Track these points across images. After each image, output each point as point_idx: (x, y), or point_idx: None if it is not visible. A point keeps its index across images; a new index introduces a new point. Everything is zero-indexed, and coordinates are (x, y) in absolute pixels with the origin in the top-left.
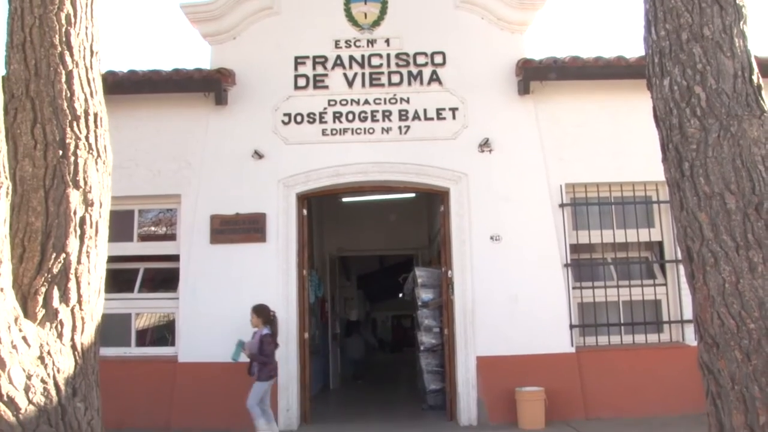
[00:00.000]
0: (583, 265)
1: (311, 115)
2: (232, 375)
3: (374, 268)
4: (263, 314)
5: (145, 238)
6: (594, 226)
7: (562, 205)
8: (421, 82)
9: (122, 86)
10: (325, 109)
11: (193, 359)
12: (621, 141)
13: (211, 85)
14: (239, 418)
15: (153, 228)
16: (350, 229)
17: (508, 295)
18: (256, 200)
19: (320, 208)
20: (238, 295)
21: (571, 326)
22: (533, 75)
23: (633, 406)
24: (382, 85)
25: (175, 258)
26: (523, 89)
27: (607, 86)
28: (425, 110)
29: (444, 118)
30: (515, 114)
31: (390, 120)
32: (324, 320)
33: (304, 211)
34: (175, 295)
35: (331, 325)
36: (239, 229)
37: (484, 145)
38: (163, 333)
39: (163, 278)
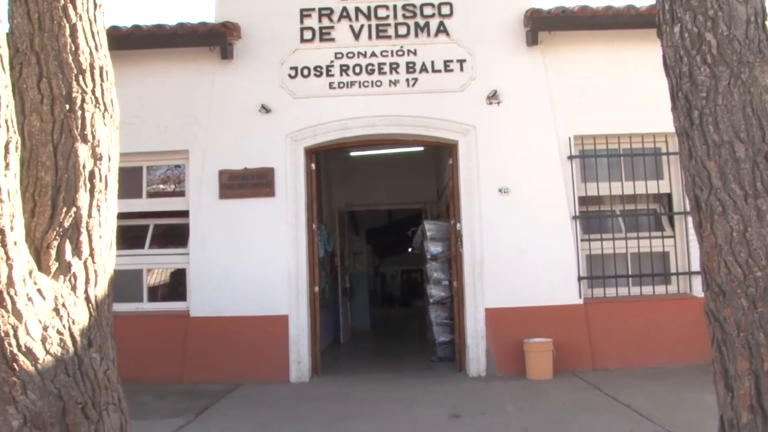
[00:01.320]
0: (592, 217)
1: (318, 69)
2: (243, 329)
3: (383, 223)
4: None
5: (153, 194)
6: (602, 178)
7: (570, 157)
8: (429, 34)
9: (126, 42)
10: (331, 62)
11: (204, 314)
12: (630, 92)
13: (216, 39)
14: (250, 371)
15: (161, 185)
16: (359, 184)
17: (517, 248)
18: (264, 155)
19: (328, 163)
20: (247, 250)
21: (579, 278)
22: (541, 25)
23: (640, 356)
24: (389, 37)
25: (185, 214)
26: (531, 40)
27: (617, 36)
28: (433, 62)
29: (451, 70)
30: (523, 65)
31: (397, 72)
32: (333, 274)
33: (313, 166)
34: (185, 251)
35: (341, 279)
36: (248, 183)
37: (492, 97)
38: (174, 288)
39: (173, 234)
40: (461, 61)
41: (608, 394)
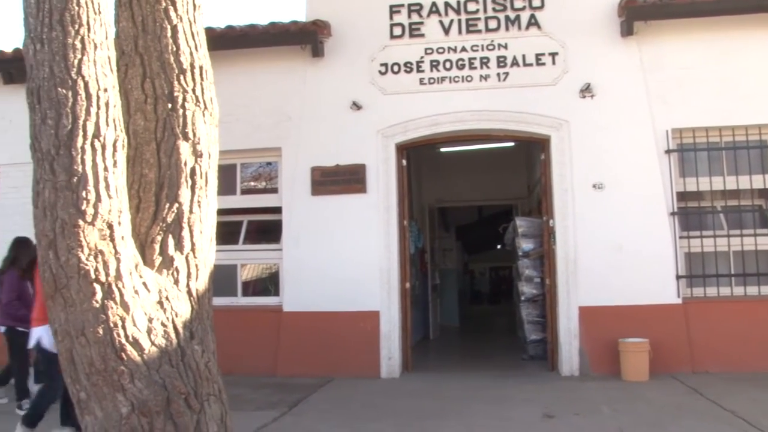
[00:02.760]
0: (691, 213)
1: (408, 65)
2: (335, 324)
3: (473, 219)
4: None
5: (247, 191)
6: (703, 173)
7: (668, 151)
8: (519, 27)
9: (220, 42)
10: (421, 57)
11: (297, 308)
12: (732, 82)
13: (307, 38)
14: (341, 366)
15: (252, 183)
16: (449, 180)
17: (612, 245)
18: (355, 151)
19: (418, 159)
20: (339, 246)
21: (678, 276)
22: (637, 15)
23: (743, 360)
24: (479, 31)
25: (277, 210)
26: (626, 30)
27: (717, 23)
28: (524, 56)
29: (543, 64)
30: (618, 57)
31: (488, 67)
32: (423, 271)
33: (404, 162)
34: (278, 246)
35: (431, 275)
36: (339, 180)
37: (586, 90)
38: (267, 283)
39: (266, 230)
40: (553, 54)
41: (710, 398)
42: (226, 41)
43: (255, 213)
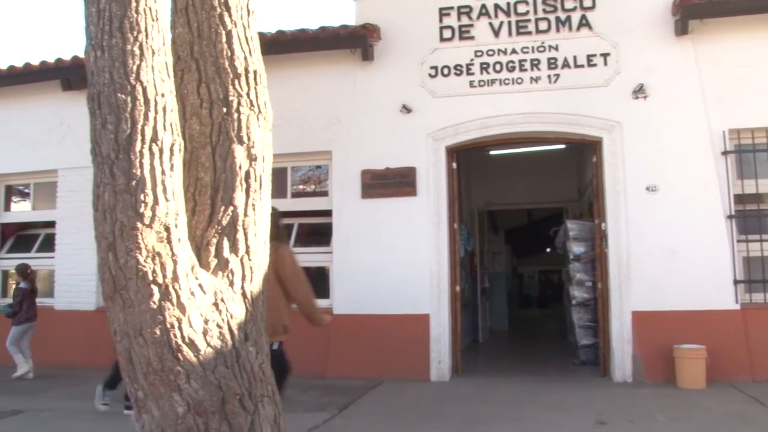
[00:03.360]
0: (750, 216)
1: (458, 67)
2: (384, 326)
3: (522, 222)
4: (21, 272)
5: (297, 194)
6: (762, 175)
7: (725, 153)
8: (570, 28)
9: (271, 47)
10: (471, 60)
11: (347, 311)
12: None
13: (357, 41)
14: (391, 368)
15: (301, 186)
16: (498, 183)
17: (666, 248)
18: (405, 154)
19: (468, 161)
20: (389, 249)
21: (736, 282)
22: (692, 13)
23: None
24: (530, 33)
25: (327, 213)
26: (681, 29)
27: None
28: (575, 57)
29: (595, 65)
30: (672, 56)
31: (538, 69)
32: (473, 274)
33: (454, 164)
34: (329, 249)
35: (480, 279)
36: (390, 183)
37: (639, 91)
38: (318, 285)
39: (316, 233)
40: (605, 55)
41: None
42: (277, 46)
43: (305, 216)
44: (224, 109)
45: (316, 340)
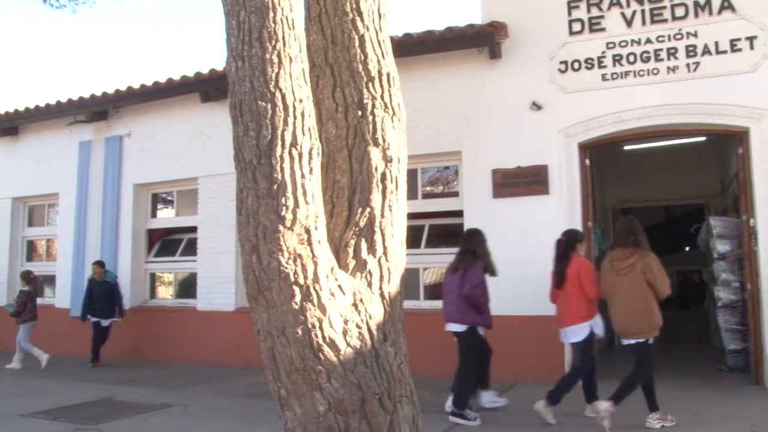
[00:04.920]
0: None
1: (589, 61)
2: (517, 328)
3: (659, 220)
4: (25, 278)
5: (427, 195)
6: None
7: None
8: (710, 12)
9: (398, 50)
10: (603, 53)
11: None
12: None
13: (485, 40)
14: (525, 371)
15: (428, 187)
16: (633, 179)
17: None
18: (536, 152)
19: (600, 158)
20: (522, 248)
21: None
22: None
23: None
24: (665, 20)
25: (458, 213)
26: None
27: None
28: (716, 43)
29: (739, 50)
30: None
31: (676, 58)
32: None
33: (587, 161)
34: None
35: None
36: (521, 182)
37: None
38: None
39: (447, 233)
40: (751, 39)
41: None
42: (404, 48)
43: (436, 217)
44: (359, 112)
45: (447, 342)
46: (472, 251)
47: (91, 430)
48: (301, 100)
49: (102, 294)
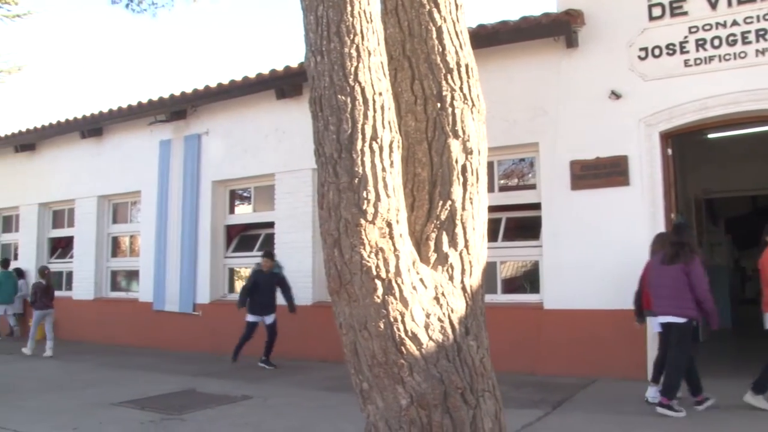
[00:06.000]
0: None
1: (670, 47)
2: (597, 322)
3: (745, 210)
4: (40, 272)
5: (504, 188)
6: None
7: None
8: None
9: (472, 41)
10: (685, 37)
11: (558, 306)
12: None
13: (560, 29)
14: (604, 366)
15: (503, 180)
16: (717, 168)
17: None
18: (615, 142)
19: (682, 147)
20: (601, 241)
21: None
22: None
23: None
24: (753, 0)
25: (535, 206)
26: None
27: None
28: None
29: None
30: None
31: (765, 40)
32: None
33: (669, 151)
34: (537, 243)
35: None
36: (600, 173)
37: None
38: (523, 281)
39: (523, 227)
40: None
41: None
42: (478, 40)
43: (512, 210)
44: (438, 105)
45: (525, 336)
46: (687, 244)
47: (176, 420)
48: (380, 94)
49: (268, 288)
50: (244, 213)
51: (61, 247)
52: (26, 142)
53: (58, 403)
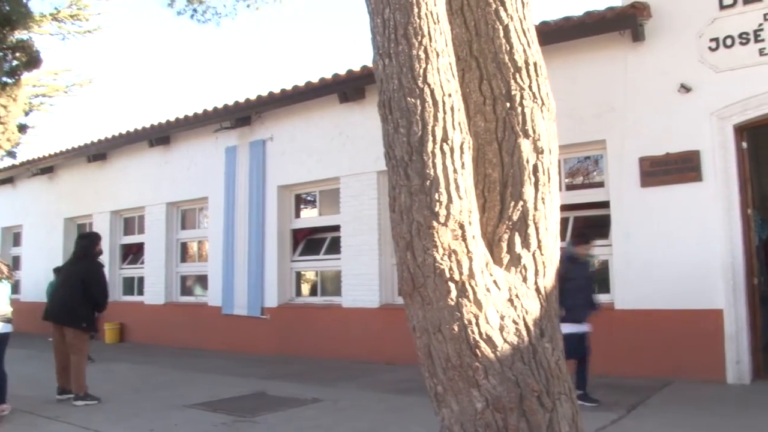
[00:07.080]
0: None
1: (744, 36)
2: (671, 323)
3: None
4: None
5: (571, 187)
6: None
7: None
8: None
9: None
10: (760, 25)
11: (629, 306)
12: None
13: (626, 22)
14: (679, 368)
15: (568, 178)
16: None
17: None
18: (686, 137)
19: (756, 140)
20: (673, 239)
21: None
22: None
23: None
24: None
25: (603, 204)
26: None
27: None
28: None
29: None
30: None
31: None
32: None
33: (744, 144)
34: (607, 242)
35: None
36: (671, 169)
37: None
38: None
39: (592, 225)
40: None
41: None
42: (542, 37)
43: (580, 208)
44: (507, 104)
45: (596, 337)
46: None
47: (249, 422)
48: (449, 95)
49: (583, 283)
50: (309, 217)
51: (132, 253)
52: (98, 152)
53: (134, 404)
